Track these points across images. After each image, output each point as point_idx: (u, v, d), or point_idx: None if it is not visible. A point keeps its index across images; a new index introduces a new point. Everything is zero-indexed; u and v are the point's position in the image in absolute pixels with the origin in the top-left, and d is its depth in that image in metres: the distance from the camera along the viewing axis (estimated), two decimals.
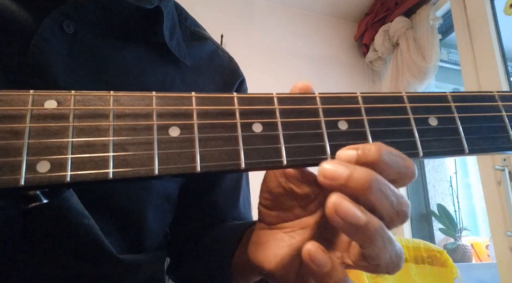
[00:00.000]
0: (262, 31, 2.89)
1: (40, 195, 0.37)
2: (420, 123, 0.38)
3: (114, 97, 0.32)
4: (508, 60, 2.07)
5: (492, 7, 2.16)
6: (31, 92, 0.31)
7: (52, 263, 0.47)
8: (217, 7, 2.79)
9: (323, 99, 0.37)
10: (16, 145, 0.29)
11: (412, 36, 2.60)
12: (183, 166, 0.30)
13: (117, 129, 0.31)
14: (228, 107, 0.34)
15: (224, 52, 0.79)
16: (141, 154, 0.30)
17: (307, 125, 0.35)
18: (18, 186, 0.28)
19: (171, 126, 0.32)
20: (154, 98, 0.33)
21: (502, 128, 0.40)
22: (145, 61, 0.62)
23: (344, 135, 0.36)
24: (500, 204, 1.90)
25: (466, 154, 0.38)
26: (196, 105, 0.33)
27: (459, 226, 2.60)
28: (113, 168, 0.29)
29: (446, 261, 1.84)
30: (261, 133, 0.34)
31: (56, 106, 0.30)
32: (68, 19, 0.53)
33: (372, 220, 0.31)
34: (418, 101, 0.39)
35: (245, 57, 2.68)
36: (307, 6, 3.06)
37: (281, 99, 0.36)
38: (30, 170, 0.28)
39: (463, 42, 2.25)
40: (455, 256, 2.44)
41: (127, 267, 0.54)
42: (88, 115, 0.31)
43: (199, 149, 0.31)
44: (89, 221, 0.47)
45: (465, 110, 0.40)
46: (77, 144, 0.29)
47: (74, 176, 0.29)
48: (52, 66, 0.51)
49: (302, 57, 2.95)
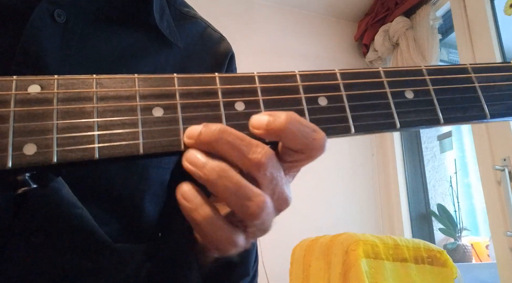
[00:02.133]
0: (262, 31, 2.89)
1: (28, 180, 0.38)
2: (396, 96, 0.39)
3: (96, 80, 0.32)
4: (508, 60, 2.06)
5: (492, 7, 2.16)
6: (14, 77, 0.31)
7: (45, 255, 0.47)
8: (217, 7, 2.79)
9: (303, 76, 0.38)
10: (2, 129, 0.29)
11: (412, 36, 2.60)
12: (168, 146, 0.31)
13: (101, 111, 0.31)
14: (210, 86, 0.35)
15: (215, 31, 0.79)
16: (126, 133, 0.31)
17: (288, 102, 0.36)
18: (6, 168, 0.28)
19: (154, 107, 0.32)
20: (136, 80, 0.33)
21: (475, 98, 0.42)
22: (137, 47, 0.62)
23: (324, 110, 0.37)
24: (500, 204, 1.90)
25: (442, 124, 0.39)
26: (178, 85, 0.34)
27: (459, 226, 2.60)
28: (98, 148, 0.30)
29: (446, 261, 1.83)
30: (244, 111, 0.35)
31: (40, 90, 0.31)
32: (58, 8, 0.53)
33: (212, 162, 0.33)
34: (395, 75, 0.40)
35: (245, 57, 2.68)
36: (307, 6, 3.07)
37: (262, 77, 0.37)
38: (17, 153, 0.29)
39: (463, 42, 2.25)
40: (455, 256, 2.43)
41: (123, 256, 0.54)
42: (72, 99, 0.31)
43: (183, 127, 0.32)
44: (82, 211, 0.47)
45: (439, 83, 0.41)
46: (62, 127, 0.30)
47: (61, 157, 0.29)
48: (44, 56, 0.51)
49: (302, 57, 2.96)
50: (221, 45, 0.77)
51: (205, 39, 0.75)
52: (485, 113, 0.41)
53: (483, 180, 2.03)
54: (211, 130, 0.33)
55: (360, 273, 1.57)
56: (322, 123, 0.36)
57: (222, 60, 0.75)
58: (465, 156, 3.01)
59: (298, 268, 1.91)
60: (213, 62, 0.74)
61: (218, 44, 0.77)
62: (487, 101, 0.42)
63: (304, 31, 3.06)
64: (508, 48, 2.15)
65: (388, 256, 1.74)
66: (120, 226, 0.57)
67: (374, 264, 1.68)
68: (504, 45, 2.10)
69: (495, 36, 2.10)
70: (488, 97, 0.42)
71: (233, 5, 2.87)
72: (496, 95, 0.42)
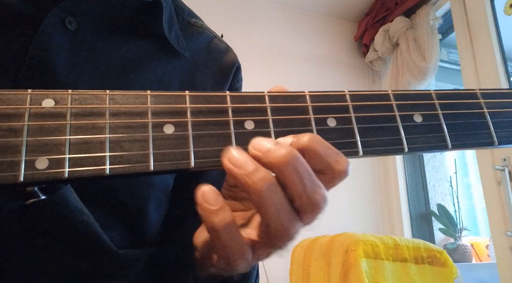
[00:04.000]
0: (262, 31, 2.89)
1: (37, 191, 0.38)
2: (405, 119, 0.39)
3: (110, 96, 0.33)
4: (508, 60, 2.07)
5: (492, 7, 2.16)
6: (29, 91, 0.31)
7: (51, 260, 0.48)
8: (217, 7, 2.79)
9: (312, 97, 0.38)
10: (15, 143, 0.30)
11: (412, 36, 2.60)
12: (178, 162, 0.31)
13: (113, 127, 0.32)
14: (221, 105, 0.35)
15: (222, 42, 0.80)
16: (137, 150, 0.31)
17: (297, 122, 0.37)
18: (18, 182, 0.29)
19: (165, 124, 0.33)
20: (149, 96, 0.33)
21: (483, 124, 0.42)
22: (145, 56, 0.63)
23: (333, 132, 0.37)
24: (500, 204, 1.90)
25: (449, 149, 0.39)
26: (190, 103, 0.34)
27: (459, 226, 2.60)
28: (109, 164, 0.30)
29: (446, 261, 1.84)
30: (253, 130, 0.35)
31: (53, 105, 0.31)
32: (70, 16, 0.54)
33: (261, 169, 0.33)
34: (404, 98, 0.40)
35: (245, 57, 2.67)
36: (307, 6, 3.07)
37: (272, 97, 0.37)
38: (29, 167, 0.29)
39: (463, 42, 2.25)
40: (455, 256, 2.44)
41: (127, 262, 0.55)
42: (85, 114, 0.32)
43: (193, 146, 0.32)
44: (88, 218, 0.48)
45: (448, 107, 0.41)
46: (74, 142, 0.30)
47: (72, 173, 0.29)
48: (54, 62, 0.51)
49: (302, 57, 2.96)
50: (227, 56, 0.78)
51: (211, 50, 0.76)
52: (493, 140, 0.41)
53: (483, 180, 2.04)
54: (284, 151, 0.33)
55: (360, 273, 1.58)
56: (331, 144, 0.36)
57: (228, 70, 0.76)
58: (465, 156, 3.02)
59: (298, 268, 1.91)
60: (219, 73, 0.74)
61: (224, 55, 0.78)
62: (495, 127, 0.42)
63: (304, 31, 3.06)
64: (508, 48, 2.16)
65: (388, 256, 1.75)
66: (124, 232, 0.57)
67: (374, 264, 1.69)
68: (504, 45, 2.10)
69: (495, 36, 2.10)
70: (496, 123, 0.42)
71: (233, 5, 2.86)
72: (504, 121, 0.43)
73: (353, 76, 3.10)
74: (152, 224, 0.62)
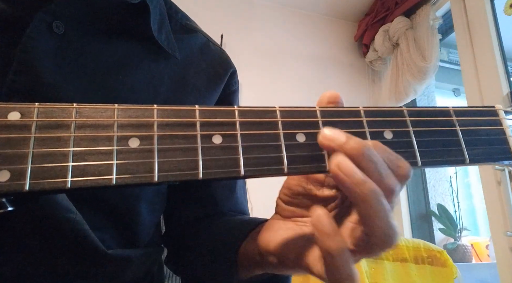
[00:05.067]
0: (262, 31, 2.89)
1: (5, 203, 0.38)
2: (376, 136, 0.39)
3: (77, 109, 0.33)
4: (508, 60, 2.06)
5: (492, 7, 2.15)
6: None
7: (40, 258, 0.48)
8: (217, 7, 2.79)
9: (283, 112, 0.38)
10: None
11: (412, 36, 2.59)
12: (140, 176, 0.31)
13: (78, 140, 0.32)
14: (189, 119, 0.35)
15: (215, 45, 0.80)
16: (100, 164, 0.31)
17: (266, 137, 0.36)
18: None
19: (131, 137, 0.33)
20: (116, 110, 0.33)
21: (455, 141, 0.42)
22: (134, 57, 0.63)
23: (301, 147, 0.37)
24: (500, 204, 1.89)
25: (420, 166, 0.40)
26: (157, 117, 0.34)
27: (459, 226, 2.59)
28: (71, 177, 0.30)
29: (446, 261, 1.83)
30: (221, 144, 0.35)
31: (19, 117, 0.31)
32: (57, 19, 0.54)
33: (369, 180, 0.34)
34: (375, 115, 0.40)
35: (245, 57, 2.68)
36: (307, 6, 3.06)
37: (242, 112, 0.37)
38: None
39: (463, 42, 2.24)
40: (455, 256, 2.43)
41: (117, 263, 0.55)
42: (50, 126, 0.32)
43: (158, 159, 0.32)
44: (76, 216, 0.48)
45: (420, 124, 0.41)
46: (37, 154, 0.30)
47: (33, 185, 0.29)
48: (40, 66, 0.51)
49: (302, 57, 2.95)
50: (221, 58, 0.78)
51: (205, 52, 0.76)
52: (464, 158, 0.41)
53: (483, 180, 2.03)
54: (357, 142, 0.36)
55: (360, 273, 1.58)
56: (298, 159, 0.36)
57: (222, 73, 0.76)
58: None
59: None
60: (212, 73, 0.74)
61: (218, 56, 0.78)
62: (467, 145, 0.42)
63: (304, 31, 3.05)
64: (508, 48, 2.14)
65: (388, 256, 1.75)
66: (115, 232, 0.58)
67: (374, 264, 1.69)
68: (504, 45, 2.08)
69: (495, 36, 2.09)
70: (468, 141, 0.42)
71: (233, 5, 2.86)
72: (476, 139, 0.42)
73: (353, 76, 3.09)
74: (145, 224, 0.63)
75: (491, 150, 0.43)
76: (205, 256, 0.64)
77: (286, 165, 0.35)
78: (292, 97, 2.74)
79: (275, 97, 2.69)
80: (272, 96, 2.68)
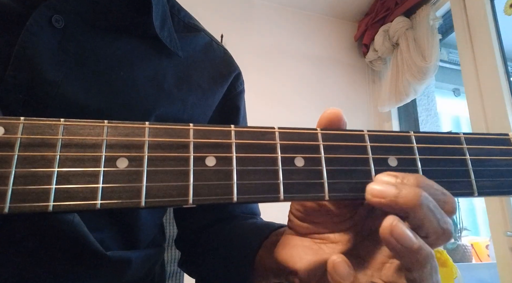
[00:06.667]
0: (262, 31, 2.87)
1: None
2: (378, 163, 0.37)
3: (64, 125, 0.31)
4: (508, 60, 2.04)
5: (492, 7, 2.13)
6: None
7: (38, 259, 0.47)
8: (217, 7, 2.77)
9: (282, 134, 0.36)
10: None
11: (412, 36, 2.57)
12: (126, 201, 0.29)
13: (63, 160, 0.30)
14: (182, 139, 0.33)
15: (218, 45, 0.79)
16: (85, 186, 0.29)
17: (263, 161, 0.34)
18: None
19: (119, 158, 0.31)
20: (105, 127, 0.31)
21: (464, 172, 0.39)
22: (136, 53, 0.62)
23: (299, 173, 0.35)
24: (500, 204, 1.89)
25: None
26: (148, 136, 0.32)
27: (459, 226, 2.58)
28: (54, 201, 0.28)
29: (446, 261, 1.83)
30: (214, 167, 0.33)
31: (3, 133, 0.30)
32: (57, 14, 0.53)
33: (424, 245, 0.32)
34: (380, 140, 0.38)
35: (245, 57, 2.66)
36: (307, 6, 3.04)
37: (239, 133, 0.35)
38: None
39: (463, 42, 2.23)
40: (455, 256, 2.42)
41: (116, 265, 0.54)
42: (35, 144, 0.30)
43: (146, 183, 0.30)
44: (74, 218, 0.47)
45: (427, 151, 0.38)
46: (19, 174, 0.29)
47: (13, 208, 0.28)
48: (40, 61, 0.50)
49: (302, 57, 2.94)
50: (225, 58, 0.77)
51: (208, 50, 0.75)
52: (473, 190, 0.38)
53: None
54: (412, 192, 0.32)
55: None
56: (296, 187, 0.34)
57: (226, 73, 0.75)
58: None
59: None
60: (216, 73, 0.73)
61: (221, 56, 0.77)
62: (477, 176, 0.39)
63: (304, 31, 3.03)
64: (508, 48, 2.13)
65: None
66: (115, 233, 0.57)
67: None
68: (504, 45, 2.07)
69: (495, 36, 2.07)
70: (478, 172, 0.39)
71: (233, 5, 2.84)
72: (487, 170, 0.39)
73: (353, 76, 3.08)
74: (145, 225, 0.62)
75: (502, 182, 0.39)
76: (220, 264, 0.63)
77: (282, 193, 0.33)
78: (292, 97, 2.73)
79: (275, 97, 2.68)
80: (272, 96, 2.67)
